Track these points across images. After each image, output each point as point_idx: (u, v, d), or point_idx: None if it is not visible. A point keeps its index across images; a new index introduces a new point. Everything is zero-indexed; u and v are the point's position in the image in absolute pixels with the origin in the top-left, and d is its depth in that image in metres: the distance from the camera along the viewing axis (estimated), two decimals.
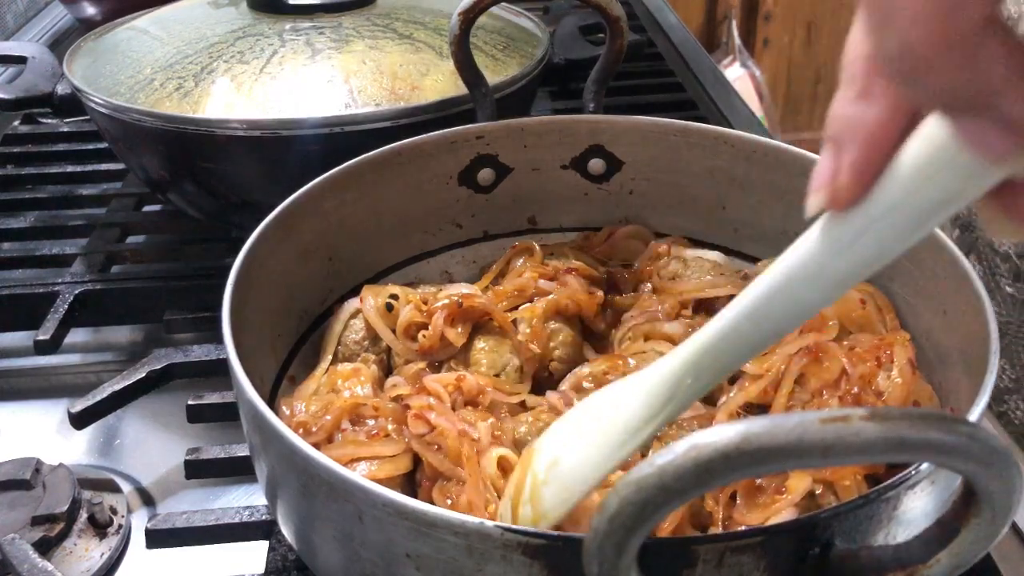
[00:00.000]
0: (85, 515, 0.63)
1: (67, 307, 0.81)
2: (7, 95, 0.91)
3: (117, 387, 0.70)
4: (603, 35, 0.74)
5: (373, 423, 0.54)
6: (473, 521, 0.38)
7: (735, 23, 2.99)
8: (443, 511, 0.39)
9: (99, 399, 0.69)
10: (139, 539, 0.62)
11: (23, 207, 1.01)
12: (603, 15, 0.71)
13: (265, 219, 0.59)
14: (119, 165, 1.05)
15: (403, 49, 0.84)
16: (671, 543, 0.39)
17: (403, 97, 0.80)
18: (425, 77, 0.82)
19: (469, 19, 0.68)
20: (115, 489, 0.67)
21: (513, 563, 0.38)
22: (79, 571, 0.60)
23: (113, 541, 0.63)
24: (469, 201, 0.73)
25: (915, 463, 0.39)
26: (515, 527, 0.38)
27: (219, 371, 0.73)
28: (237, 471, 0.65)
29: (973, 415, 0.43)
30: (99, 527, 0.63)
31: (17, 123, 1.20)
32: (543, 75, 0.91)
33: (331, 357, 0.63)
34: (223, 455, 0.65)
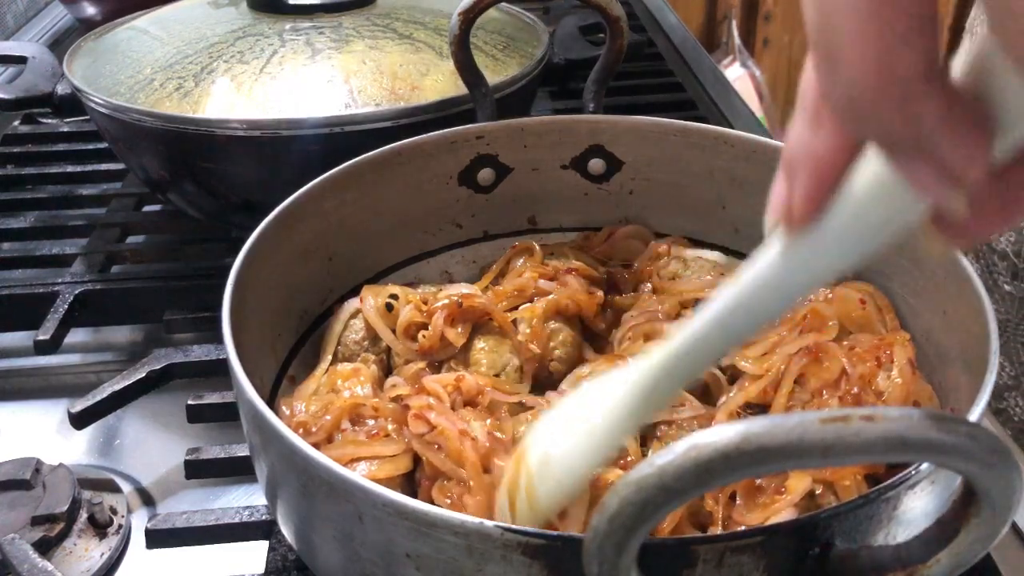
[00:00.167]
0: (85, 515, 0.63)
1: (67, 307, 0.81)
2: (7, 95, 0.91)
3: (117, 387, 0.70)
4: (603, 35, 0.74)
5: (373, 423, 0.54)
6: (473, 521, 0.38)
7: (735, 23, 2.98)
8: (443, 511, 0.39)
9: (99, 399, 0.69)
10: (139, 539, 0.62)
11: (23, 207, 1.01)
12: (603, 15, 0.71)
13: (265, 219, 0.59)
14: (119, 165, 1.05)
15: (403, 49, 0.84)
16: (671, 543, 0.39)
17: (403, 97, 0.80)
18: (425, 77, 0.82)
19: (469, 19, 0.68)
20: (115, 489, 0.67)
21: (513, 563, 0.38)
22: (79, 571, 0.60)
23: (113, 541, 0.63)
24: (469, 201, 0.73)
25: (915, 463, 0.39)
26: (515, 527, 0.38)
27: (219, 371, 0.73)
28: (237, 471, 0.65)
29: (973, 415, 0.43)
30: (99, 527, 0.63)
31: (17, 123, 1.20)
32: (543, 75, 0.91)
33: (331, 357, 0.63)
34: (223, 455, 0.65)
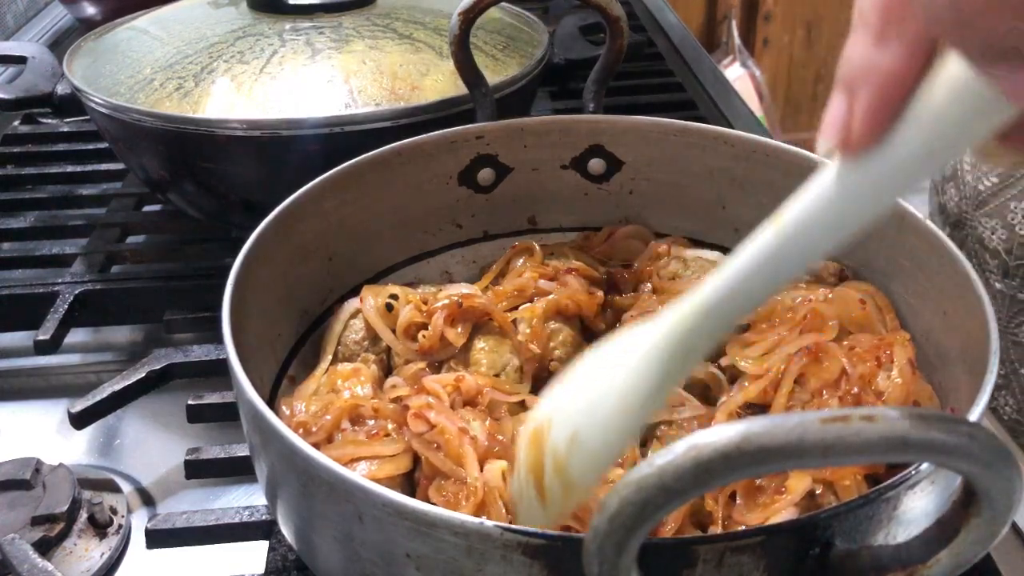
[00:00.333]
0: (85, 515, 0.63)
1: (67, 307, 0.81)
2: (7, 95, 0.91)
3: (117, 387, 0.70)
4: (603, 35, 0.74)
5: (373, 423, 0.54)
6: (473, 521, 0.38)
7: (735, 23, 2.99)
8: (443, 511, 0.39)
9: (99, 399, 0.69)
10: (139, 539, 0.62)
11: (23, 207, 1.01)
12: (603, 15, 0.71)
13: (265, 219, 0.59)
14: (119, 165, 1.05)
15: (403, 49, 0.84)
16: (671, 543, 0.39)
17: (403, 97, 0.80)
18: (425, 77, 0.82)
19: (469, 19, 0.68)
20: (115, 489, 0.67)
21: (513, 563, 0.38)
22: (79, 571, 0.60)
23: (113, 541, 0.62)
24: (469, 201, 0.73)
25: (915, 463, 0.39)
26: (515, 527, 0.38)
27: (219, 371, 0.73)
28: (237, 471, 0.65)
29: (973, 415, 0.43)
30: (99, 527, 0.63)
31: (17, 123, 1.20)
32: (543, 75, 0.91)
33: (331, 357, 0.63)
34: (223, 455, 0.65)
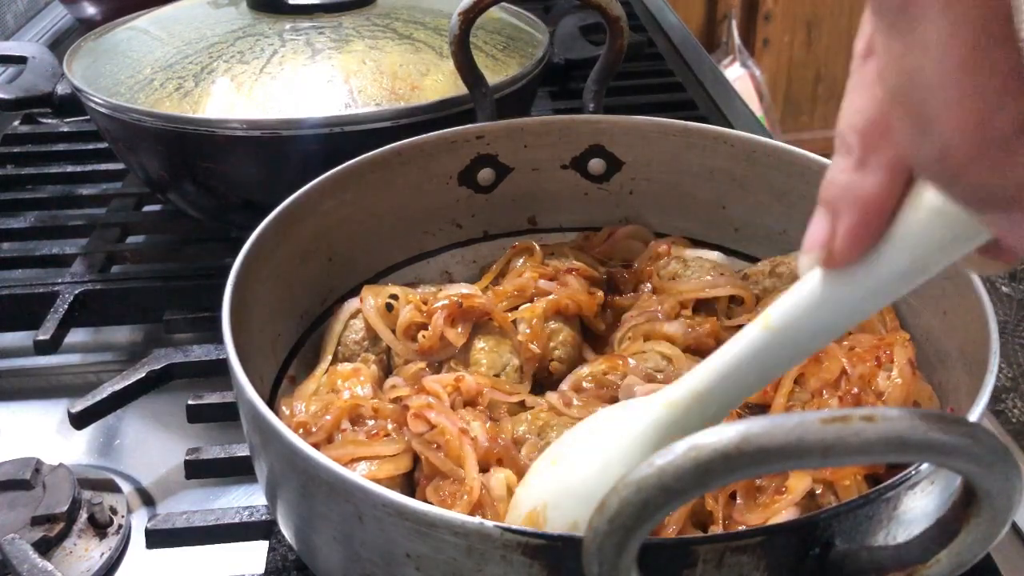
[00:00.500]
0: (85, 515, 0.63)
1: (67, 307, 0.81)
2: (7, 95, 0.91)
3: (117, 387, 0.70)
4: (603, 35, 0.74)
5: (373, 423, 0.54)
6: (473, 521, 0.38)
7: (735, 23, 2.99)
8: (443, 511, 0.39)
9: (99, 399, 0.69)
10: (139, 539, 0.62)
11: (23, 207, 1.01)
12: (603, 15, 0.71)
13: (265, 219, 0.59)
14: (119, 165, 1.05)
15: (403, 49, 0.84)
16: (671, 543, 0.39)
17: (403, 97, 0.80)
18: (425, 77, 0.82)
19: (469, 19, 0.68)
20: (115, 489, 0.67)
21: (513, 563, 0.38)
22: (79, 571, 0.60)
23: (113, 541, 0.63)
24: (469, 201, 0.73)
25: (915, 463, 0.39)
26: (515, 527, 0.38)
27: (219, 371, 0.73)
28: (237, 471, 0.65)
29: (973, 415, 0.43)
30: (99, 527, 0.63)
31: (17, 123, 1.20)
32: (543, 75, 0.91)
33: (331, 357, 0.63)
34: (223, 455, 0.65)
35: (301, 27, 0.86)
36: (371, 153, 0.67)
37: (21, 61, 0.97)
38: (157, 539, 0.60)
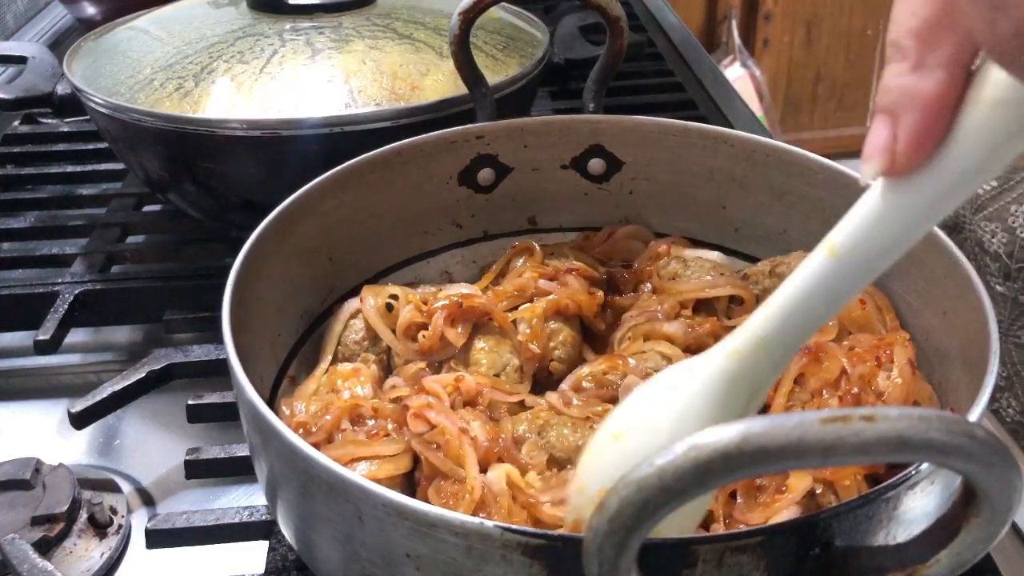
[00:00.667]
0: (85, 515, 0.63)
1: (67, 307, 0.81)
2: (7, 95, 0.91)
3: (117, 387, 0.70)
4: (603, 35, 0.74)
5: (373, 423, 0.54)
6: (473, 521, 0.38)
7: (735, 23, 2.99)
8: (443, 511, 0.39)
9: (99, 399, 0.69)
10: (139, 539, 0.62)
11: (23, 207, 1.01)
12: (603, 15, 0.71)
13: (265, 219, 0.59)
14: (119, 165, 1.05)
15: (403, 49, 0.84)
16: (671, 543, 0.39)
17: (403, 97, 0.80)
18: (425, 77, 0.82)
19: (469, 19, 0.68)
20: (115, 489, 0.67)
21: (513, 563, 0.38)
22: (79, 571, 0.60)
23: (113, 541, 0.63)
24: (469, 201, 0.73)
25: (915, 463, 0.39)
26: (515, 527, 0.38)
27: (219, 371, 0.73)
28: (237, 471, 0.65)
29: (973, 415, 0.43)
30: (99, 527, 0.63)
31: (17, 123, 1.20)
32: (543, 75, 0.91)
33: (331, 357, 0.63)
34: (223, 455, 0.65)
35: (301, 27, 0.86)
36: (371, 153, 0.67)
37: (21, 61, 0.97)
38: (157, 539, 0.60)
